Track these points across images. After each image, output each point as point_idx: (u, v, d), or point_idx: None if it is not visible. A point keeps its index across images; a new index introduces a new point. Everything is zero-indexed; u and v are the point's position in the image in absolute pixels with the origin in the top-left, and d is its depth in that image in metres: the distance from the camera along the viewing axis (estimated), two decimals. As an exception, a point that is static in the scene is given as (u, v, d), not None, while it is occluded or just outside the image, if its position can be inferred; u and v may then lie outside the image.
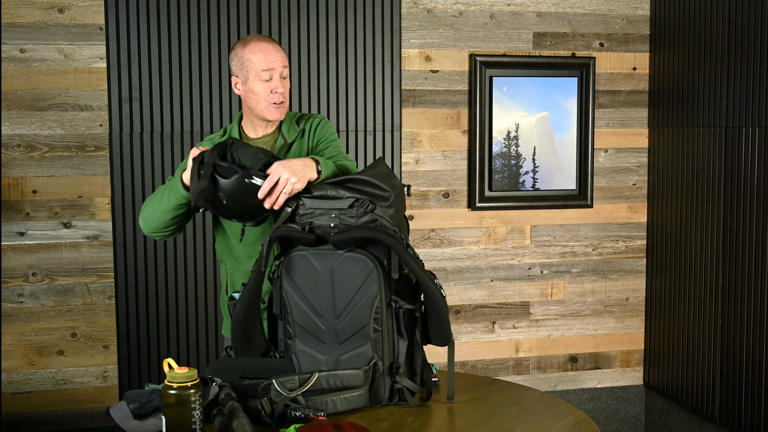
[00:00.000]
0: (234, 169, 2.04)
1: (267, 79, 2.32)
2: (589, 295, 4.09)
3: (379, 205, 1.98)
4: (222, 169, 2.05)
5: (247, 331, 2.03)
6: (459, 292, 3.93)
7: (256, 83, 2.32)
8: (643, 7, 4.02)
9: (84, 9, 3.50)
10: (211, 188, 2.06)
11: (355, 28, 3.64)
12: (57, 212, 3.55)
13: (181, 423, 1.68)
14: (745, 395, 3.40)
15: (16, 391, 3.57)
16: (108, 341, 3.63)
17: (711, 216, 3.59)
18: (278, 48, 2.36)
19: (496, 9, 3.87)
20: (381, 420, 1.90)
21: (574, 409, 2.01)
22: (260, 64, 2.31)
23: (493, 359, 4.01)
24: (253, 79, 2.32)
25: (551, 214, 4.00)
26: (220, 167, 2.05)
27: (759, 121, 3.30)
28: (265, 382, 1.92)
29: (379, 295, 1.95)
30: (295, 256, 1.98)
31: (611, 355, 4.15)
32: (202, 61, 3.51)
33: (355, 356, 1.97)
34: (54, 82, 3.51)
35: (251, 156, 2.07)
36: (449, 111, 3.86)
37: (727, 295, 3.50)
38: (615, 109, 4.04)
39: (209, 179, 2.05)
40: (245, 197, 2.06)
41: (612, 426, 4.17)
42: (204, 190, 2.06)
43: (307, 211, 2.01)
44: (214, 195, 2.07)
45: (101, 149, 3.57)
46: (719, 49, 3.52)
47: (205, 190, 2.06)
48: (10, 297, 3.54)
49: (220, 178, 2.05)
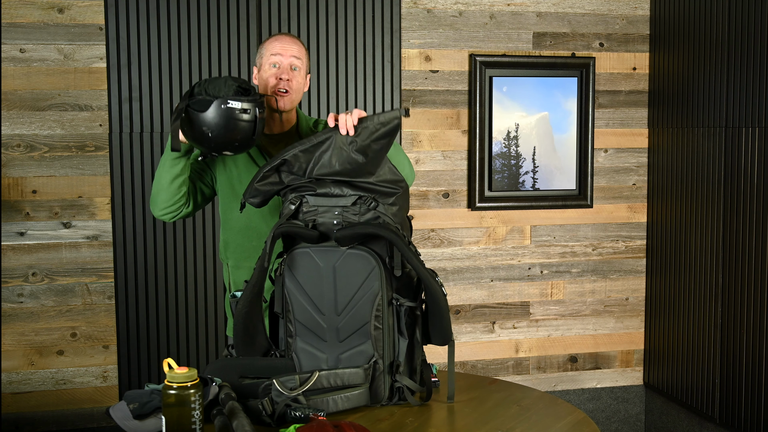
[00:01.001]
0: (208, 100, 2.09)
1: (275, 67, 2.33)
2: (589, 295, 4.09)
3: (382, 203, 1.99)
4: (197, 104, 2.10)
5: (249, 330, 2.04)
6: (459, 292, 3.93)
7: (264, 69, 2.35)
8: (643, 7, 4.02)
9: (84, 9, 3.50)
10: (195, 126, 2.11)
11: (355, 28, 3.64)
12: (57, 212, 3.56)
13: (181, 423, 1.68)
14: (745, 395, 3.40)
15: (16, 391, 3.57)
16: (108, 341, 3.63)
17: (711, 216, 3.59)
18: (296, 41, 2.38)
19: (496, 9, 3.87)
20: (381, 420, 1.90)
21: (574, 409, 2.02)
22: (270, 50, 2.34)
23: (493, 359, 4.01)
24: (264, 66, 2.35)
25: (551, 214, 4.00)
26: (195, 104, 2.10)
27: (759, 121, 3.30)
28: (266, 382, 1.92)
29: (380, 292, 1.95)
30: (298, 253, 1.98)
31: (611, 355, 4.15)
32: (202, 61, 3.51)
33: (356, 354, 1.97)
34: (54, 82, 3.51)
35: (222, 85, 2.12)
36: (449, 111, 3.86)
37: (727, 295, 3.51)
38: (615, 109, 4.05)
39: (192, 118, 2.10)
40: (228, 125, 2.10)
41: (612, 426, 4.17)
42: (177, 129, 2.11)
43: (311, 209, 2.02)
44: (200, 132, 2.11)
45: (101, 149, 3.57)
46: (719, 49, 3.52)
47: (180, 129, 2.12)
48: (10, 297, 3.54)
49: (198, 113, 2.09)
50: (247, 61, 3.53)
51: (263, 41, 2.43)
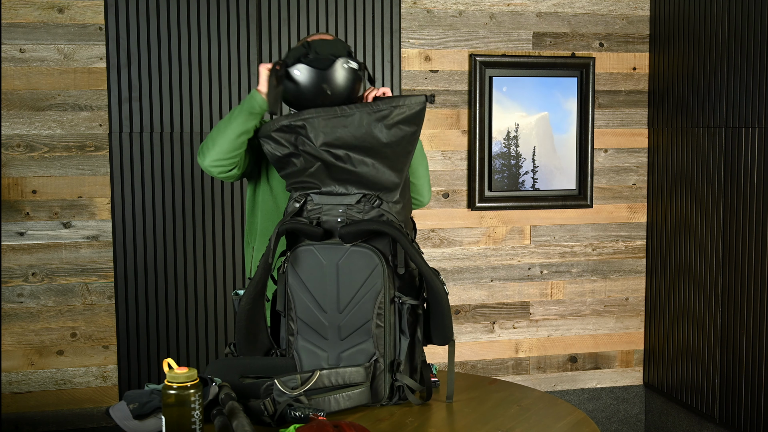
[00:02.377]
0: (328, 58, 2.13)
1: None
2: (588, 295, 4.09)
3: (386, 201, 2.00)
4: (318, 62, 2.12)
5: (251, 328, 2.04)
6: (459, 292, 3.93)
7: None
8: (642, 7, 4.02)
9: (84, 9, 3.50)
10: (311, 82, 2.12)
11: (355, 28, 3.64)
12: (57, 212, 3.56)
13: (181, 423, 1.68)
14: (745, 395, 3.40)
15: (16, 391, 3.57)
16: (108, 341, 3.63)
17: (711, 216, 3.59)
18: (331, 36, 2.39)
19: (496, 9, 3.87)
20: (381, 420, 1.90)
21: (573, 409, 2.02)
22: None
23: (493, 359, 4.01)
24: None
25: (551, 214, 4.00)
26: (315, 61, 2.12)
27: (759, 121, 3.30)
28: (268, 382, 1.92)
29: (383, 290, 1.95)
30: (301, 250, 1.99)
31: (611, 355, 4.15)
32: (202, 61, 3.51)
33: (357, 353, 1.98)
34: (54, 82, 3.51)
35: (333, 46, 2.16)
36: (449, 111, 3.86)
37: (727, 295, 3.51)
38: (615, 109, 4.05)
39: (305, 75, 2.12)
40: (345, 82, 2.15)
41: (612, 426, 4.17)
42: (281, 93, 2.13)
43: (315, 207, 2.03)
44: (317, 88, 2.12)
45: (101, 149, 3.57)
46: (719, 49, 3.52)
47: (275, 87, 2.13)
48: (10, 297, 3.54)
49: (320, 70, 2.12)
50: (247, 61, 3.53)
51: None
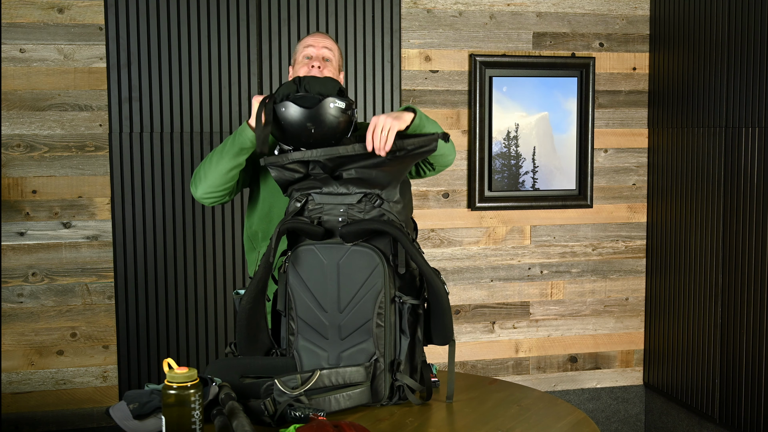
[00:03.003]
0: (315, 98, 2.11)
1: (308, 58, 2.40)
2: (588, 295, 4.09)
3: (387, 200, 2.00)
4: (304, 100, 2.11)
5: (252, 327, 2.04)
6: (459, 292, 3.93)
7: (298, 62, 2.42)
8: (642, 7, 4.02)
9: (84, 9, 3.50)
10: (297, 121, 2.11)
11: (355, 28, 3.64)
12: (57, 212, 3.56)
13: (181, 423, 1.68)
14: (745, 395, 3.40)
15: (16, 391, 3.57)
16: (108, 341, 3.63)
17: (711, 216, 3.59)
18: (328, 37, 2.46)
19: (496, 9, 3.87)
20: (381, 420, 1.90)
21: (573, 409, 2.02)
22: (303, 43, 2.43)
23: (493, 359, 4.01)
24: (297, 59, 2.42)
25: (551, 214, 4.00)
26: (301, 99, 2.11)
27: (759, 121, 3.30)
28: (268, 382, 1.92)
29: (383, 289, 1.95)
30: (302, 250, 1.99)
31: (611, 355, 4.15)
32: (202, 61, 3.51)
33: (357, 352, 1.98)
34: (54, 82, 3.51)
35: (328, 84, 2.15)
36: (449, 111, 3.86)
37: (727, 295, 3.51)
38: (615, 109, 4.05)
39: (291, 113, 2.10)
40: (332, 122, 2.12)
41: (612, 426, 4.17)
42: (268, 135, 2.11)
43: (316, 206, 2.04)
44: (302, 127, 2.11)
45: (101, 149, 3.57)
46: (719, 49, 3.52)
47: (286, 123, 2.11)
48: (10, 297, 3.54)
49: (305, 109, 2.10)
50: (247, 61, 3.53)
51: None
